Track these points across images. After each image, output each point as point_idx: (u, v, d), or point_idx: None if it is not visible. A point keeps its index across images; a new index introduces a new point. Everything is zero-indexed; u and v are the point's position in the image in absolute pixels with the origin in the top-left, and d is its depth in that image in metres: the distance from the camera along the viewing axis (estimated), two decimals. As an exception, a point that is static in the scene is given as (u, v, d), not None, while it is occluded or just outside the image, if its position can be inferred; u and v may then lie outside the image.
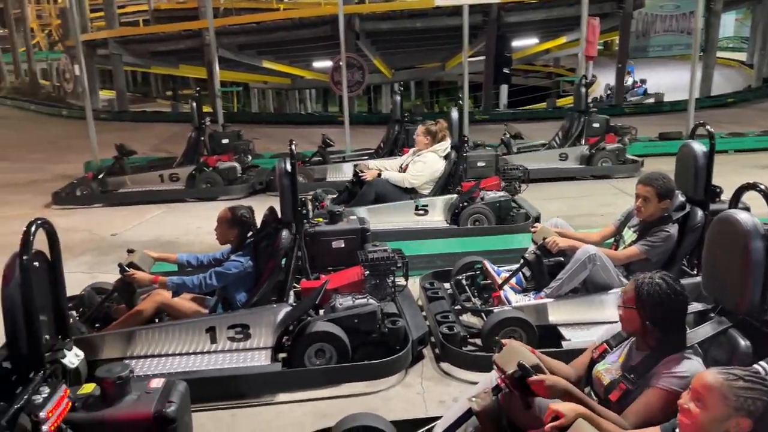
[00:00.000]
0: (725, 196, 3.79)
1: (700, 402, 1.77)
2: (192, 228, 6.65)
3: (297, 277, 4.06)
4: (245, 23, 16.74)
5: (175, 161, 8.36)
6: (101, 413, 2.24)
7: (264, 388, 3.42)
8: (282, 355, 3.61)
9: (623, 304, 2.25)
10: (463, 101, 10.40)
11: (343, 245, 4.52)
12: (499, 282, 3.97)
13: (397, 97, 8.73)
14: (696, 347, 2.24)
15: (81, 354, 2.52)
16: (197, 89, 9.07)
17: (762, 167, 8.81)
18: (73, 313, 3.73)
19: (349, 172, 8.22)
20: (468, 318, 4.10)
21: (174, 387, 2.39)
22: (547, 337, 3.67)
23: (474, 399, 2.29)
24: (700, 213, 3.71)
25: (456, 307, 4.06)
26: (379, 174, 6.14)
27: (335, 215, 4.74)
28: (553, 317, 3.76)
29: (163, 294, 3.69)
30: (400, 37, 16.41)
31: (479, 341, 3.75)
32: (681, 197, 3.73)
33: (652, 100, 17.35)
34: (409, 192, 6.06)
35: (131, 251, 3.93)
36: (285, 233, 3.76)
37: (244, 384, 3.39)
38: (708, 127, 3.97)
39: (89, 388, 2.33)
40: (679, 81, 16.22)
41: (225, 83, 15.54)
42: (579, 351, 2.59)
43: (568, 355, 2.64)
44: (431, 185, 6.11)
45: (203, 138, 8.19)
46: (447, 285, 4.44)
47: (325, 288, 3.76)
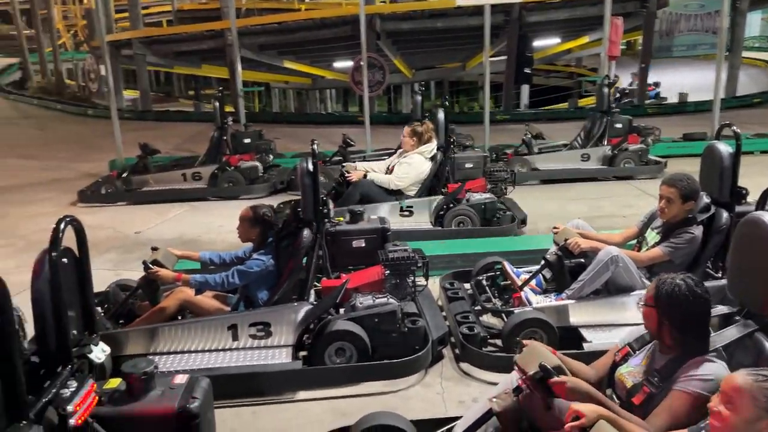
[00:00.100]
0: (751, 198, 3.74)
1: (730, 404, 1.76)
2: (214, 226, 6.72)
3: (318, 276, 4.08)
4: (267, 23, 16.84)
5: (198, 160, 8.45)
6: (126, 408, 2.28)
7: (285, 385, 3.44)
8: (303, 353, 3.63)
9: (644, 301, 2.24)
10: (484, 101, 10.39)
11: (364, 245, 4.54)
12: (519, 283, 3.96)
13: (418, 97, 8.71)
14: (720, 351, 2.22)
15: (107, 349, 2.57)
16: (220, 89, 9.17)
17: (789, 169, 8.65)
18: (98, 310, 3.79)
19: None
20: (488, 318, 4.09)
21: (197, 383, 2.42)
22: (568, 339, 3.65)
23: (495, 399, 2.29)
24: (725, 215, 3.66)
25: (476, 308, 4.05)
26: (365, 175, 6.14)
27: (356, 215, 4.76)
28: (575, 319, 3.74)
29: (186, 291, 3.74)
30: (420, 37, 16.38)
31: (499, 342, 3.74)
32: (706, 199, 3.68)
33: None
34: (395, 193, 6.04)
35: (155, 249, 3.98)
36: (306, 232, 3.78)
37: (265, 381, 3.42)
38: (734, 128, 3.91)
39: (115, 383, 2.37)
40: (704, 81, 15.95)
41: (247, 83, 15.66)
42: (600, 353, 2.58)
43: (589, 357, 2.63)
44: (417, 187, 6.09)
45: (225, 137, 8.27)
46: (467, 285, 4.43)
47: (346, 287, 3.78)
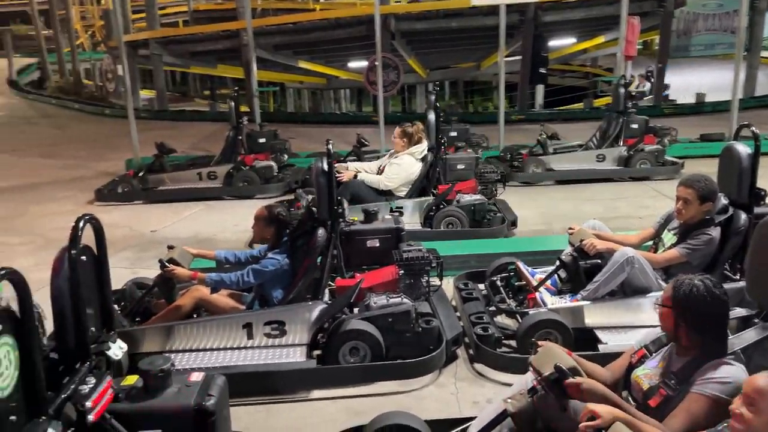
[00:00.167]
0: (770, 199, 3.70)
1: (752, 407, 1.74)
2: (229, 225, 6.76)
3: (332, 276, 4.09)
4: (282, 24, 16.88)
5: (213, 160, 8.50)
6: (143, 404, 2.30)
7: (299, 384, 3.46)
8: (317, 353, 3.64)
9: (661, 302, 2.23)
10: (499, 101, 10.35)
11: (378, 244, 4.54)
12: (534, 283, 3.95)
13: (432, 97, 8.72)
14: (738, 353, 2.20)
15: (125, 346, 2.59)
16: (235, 89, 9.21)
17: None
18: (115, 307, 3.82)
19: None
20: (502, 319, 4.08)
21: (213, 381, 2.43)
22: (584, 340, 3.63)
23: (509, 400, 2.28)
24: (743, 216, 3.62)
25: (490, 308, 4.04)
26: (356, 175, 6.16)
27: (370, 214, 4.76)
28: (590, 320, 3.72)
29: (202, 290, 3.77)
30: (435, 37, 16.34)
31: (514, 343, 3.73)
32: (724, 200, 3.65)
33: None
34: (385, 194, 6.05)
35: (171, 247, 4.02)
36: (321, 232, 3.80)
37: (279, 380, 3.44)
38: (753, 128, 3.87)
39: (132, 379, 2.39)
40: (722, 81, 15.79)
41: (262, 83, 15.70)
42: (616, 355, 2.56)
43: (604, 359, 2.61)
44: (407, 187, 6.10)
45: (241, 137, 8.31)
46: (481, 286, 4.42)
47: (360, 287, 3.79)
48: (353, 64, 18.09)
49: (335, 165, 6.42)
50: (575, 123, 13.28)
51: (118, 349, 2.53)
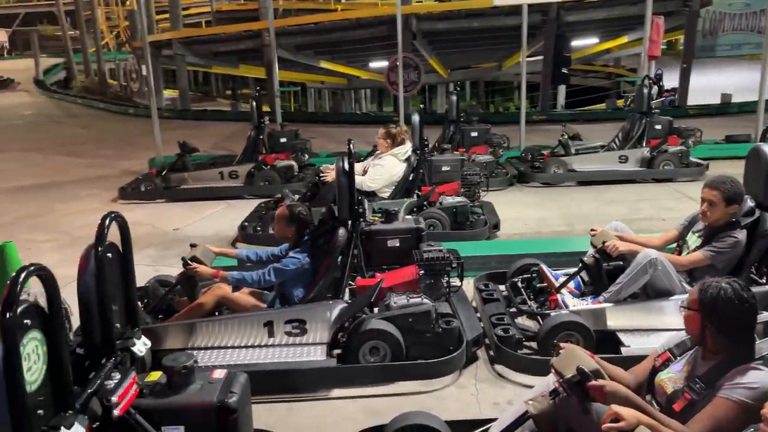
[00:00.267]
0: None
1: None
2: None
3: (352, 275, 4.10)
4: (303, 24, 16.96)
5: (235, 159, 8.57)
6: (167, 400, 2.33)
7: (319, 383, 3.48)
8: (337, 352, 3.66)
9: (686, 305, 2.20)
10: (521, 102, 10.30)
11: (398, 244, 4.54)
12: (557, 285, 3.92)
13: (453, 97, 8.72)
14: (767, 358, 2.16)
15: (149, 343, 2.62)
16: (257, 89, 9.28)
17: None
18: (138, 304, 3.87)
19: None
20: (523, 321, 4.06)
21: (235, 378, 2.46)
22: (606, 343, 3.60)
23: (531, 402, 2.27)
24: (771, 219, 3.56)
25: (511, 310, 4.02)
26: None
27: (391, 214, 4.77)
28: (612, 322, 3.68)
29: (224, 288, 3.80)
30: (456, 37, 16.31)
31: (535, 344, 3.71)
32: (750, 202, 3.59)
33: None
34: (368, 195, 6.04)
35: (194, 245, 4.06)
36: (342, 231, 3.81)
37: (300, 378, 3.45)
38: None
39: (156, 375, 2.42)
40: (748, 81, 15.53)
41: (283, 83, 15.78)
42: (639, 358, 2.54)
43: (626, 362, 2.58)
44: (390, 188, 6.11)
45: (262, 137, 8.38)
46: (502, 287, 4.40)
47: (380, 286, 3.79)
48: (374, 64, 18.12)
49: (324, 166, 6.52)
50: (597, 124, 13.17)
51: (142, 346, 2.57)
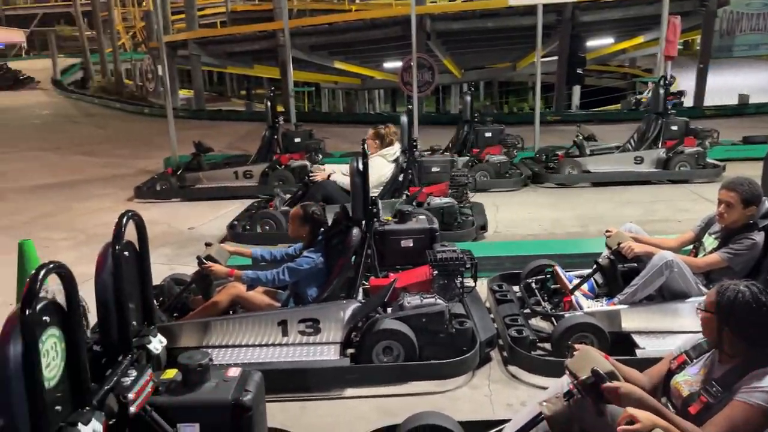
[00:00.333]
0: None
1: None
2: (264, 224, 6.82)
3: (366, 275, 4.11)
4: (318, 24, 17.02)
5: (250, 159, 8.61)
6: (182, 398, 2.34)
7: (332, 382, 3.48)
8: (350, 351, 3.66)
9: (704, 307, 2.18)
10: (535, 102, 10.26)
11: (412, 244, 4.55)
12: (570, 287, 3.90)
13: (467, 98, 8.70)
14: (785, 362, 2.14)
15: (164, 341, 2.64)
16: (272, 89, 9.32)
17: None
18: (154, 302, 3.90)
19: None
20: (537, 322, 4.05)
21: (250, 376, 2.47)
22: (621, 345, 3.58)
23: (545, 403, 2.26)
24: (789, 221, 3.52)
25: (525, 311, 4.01)
26: (329, 176, 6.21)
27: (405, 214, 4.77)
28: (627, 324, 3.66)
29: (238, 287, 3.83)
30: (471, 37, 16.27)
31: (548, 346, 3.70)
32: (768, 204, 3.55)
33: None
34: None
35: (209, 244, 4.09)
36: (356, 231, 3.82)
37: (313, 377, 3.47)
38: (800, 131, 3.76)
39: (171, 373, 2.44)
40: (766, 82, 15.41)
41: (297, 83, 15.88)
42: (654, 360, 2.52)
43: (641, 364, 2.56)
44: (378, 189, 6.09)
45: (276, 137, 8.41)
46: (516, 288, 4.39)
47: (394, 286, 3.80)
48: (388, 64, 18.15)
49: (314, 167, 6.54)
50: (612, 124, 13.08)
51: (158, 343, 2.58)
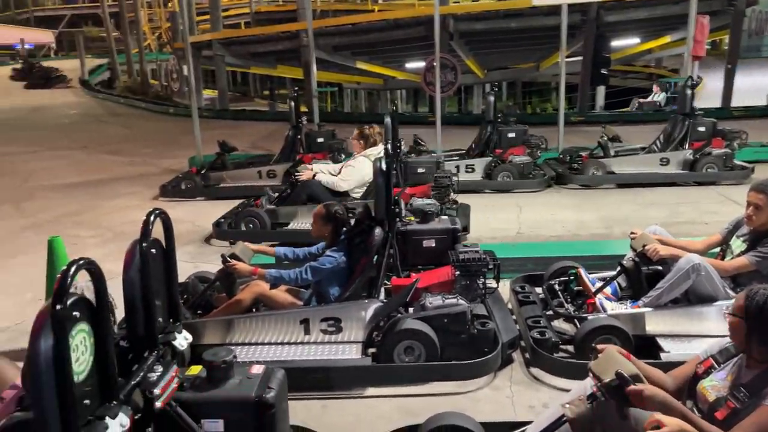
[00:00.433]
0: None
1: None
2: (287, 223, 6.87)
3: (388, 275, 4.12)
4: (341, 25, 17.09)
5: (273, 158, 8.68)
6: (206, 394, 2.36)
7: (354, 381, 3.49)
8: (372, 350, 3.67)
9: (732, 311, 2.15)
10: (559, 102, 10.18)
11: (434, 244, 4.56)
12: (593, 290, 3.86)
13: (491, 98, 8.66)
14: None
15: (189, 337, 2.67)
16: (296, 89, 9.37)
17: None
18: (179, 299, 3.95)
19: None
20: (560, 324, 4.02)
21: (273, 374, 2.49)
22: (645, 348, 3.54)
23: (568, 405, 2.24)
24: (820, 224, 3.45)
25: (548, 312, 3.98)
26: (314, 176, 6.28)
27: (427, 215, 4.77)
28: (651, 327, 3.62)
29: (262, 285, 3.85)
30: (494, 38, 16.22)
31: (571, 348, 3.67)
32: (798, 206, 3.48)
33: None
34: (340, 195, 6.12)
35: (233, 243, 4.13)
36: (378, 231, 3.83)
37: (335, 376, 3.48)
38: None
39: (196, 369, 2.47)
40: (797, 82, 15.13)
41: (320, 83, 15.92)
42: (679, 364, 2.48)
43: (666, 368, 2.52)
44: (362, 189, 6.18)
45: (300, 136, 8.46)
46: (538, 289, 4.36)
47: (416, 286, 3.80)
48: (410, 64, 18.14)
49: (302, 166, 6.59)
50: (637, 125, 12.93)
51: (183, 340, 2.62)
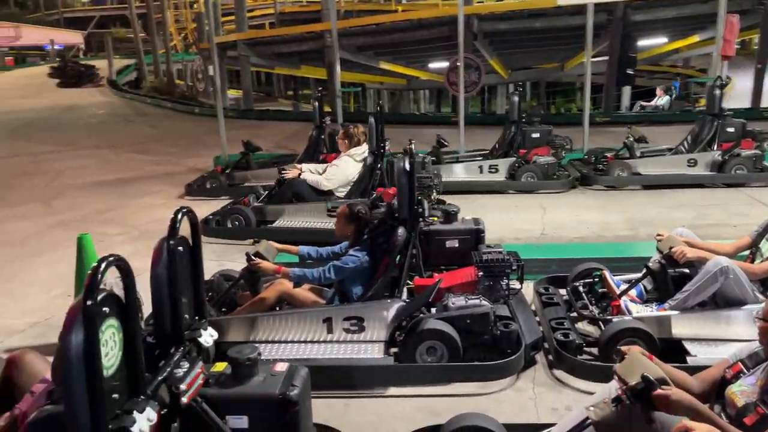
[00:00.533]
0: None
1: None
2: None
3: (410, 275, 4.12)
4: (365, 25, 17.10)
5: (296, 158, 8.71)
6: (231, 390, 2.40)
7: (376, 380, 3.51)
8: (394, 350, 3.68)
9: (762, 315, 2.11)
10: (584, 103, 10.08)
11: (457, 245, 4.55)
12: (618, 293, 3.82)
13: (515, 98, 8.61)
14: None
15: (215, 334, 2.70)
16: (320, 89, 9.42)
17: None
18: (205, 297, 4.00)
19: (461, 172, 8.25)
20: (584, 326, 3.99)
21: (297, 372, 2.51)
22: (670, 352, 3.49)
23: (592, 408, 2.22)
24: None
25: (572, 314, 3.96)
26: (300, 174, 6.33)
27: (450, 215, 4.76)
28: (677, 330, 3.57)
29: (285, 284, 3.89)
30: (518, 38, 16.10)
31: (595, 350, 3.64)
32: (831, 209, 3.42)
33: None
34: (325, 194, 6.19)
35: (257, 241, 4.17)
36: (401, 230, 3.84)
37: (357, 375, 3.50)
38: None
39: (221, 366, 2.50)
40: (830, 83, 14.78)
41: (343, 84, 15.97)
42: (705, 368, 2.45)
43: (692, 372, 2.50)
44: (346, 188, 6.24)
45: (323, 136, 8.48)
46: (562, 291, 4.33)
47: (439, 286, 3.80)
48: (434, 64, 18.10)
49: (290, 165, 6.63)
50: (664, 126, 12.74)
51: (208, 337, 2.64)
